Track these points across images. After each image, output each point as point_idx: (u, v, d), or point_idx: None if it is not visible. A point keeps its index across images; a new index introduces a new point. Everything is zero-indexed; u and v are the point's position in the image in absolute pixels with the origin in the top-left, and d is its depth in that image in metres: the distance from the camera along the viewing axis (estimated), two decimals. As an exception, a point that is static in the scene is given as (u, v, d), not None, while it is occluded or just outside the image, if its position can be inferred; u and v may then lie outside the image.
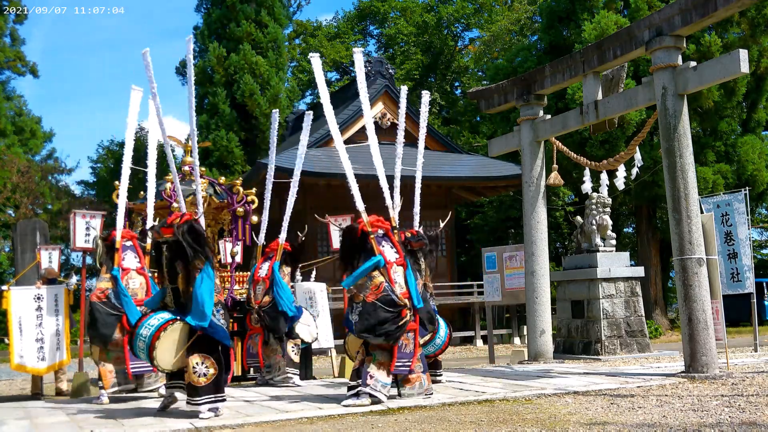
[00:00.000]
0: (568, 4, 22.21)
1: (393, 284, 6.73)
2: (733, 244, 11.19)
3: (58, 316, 9.17)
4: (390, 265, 6.82)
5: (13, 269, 20.77)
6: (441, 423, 5.69)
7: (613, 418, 5.70)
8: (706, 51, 19.25)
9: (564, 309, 12.26)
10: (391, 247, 6.96)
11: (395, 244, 7.02)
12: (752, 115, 22.73)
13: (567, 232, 28.45)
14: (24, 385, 11.82)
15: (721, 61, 8.40)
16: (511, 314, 22.38)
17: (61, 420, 6.35)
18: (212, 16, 30.32)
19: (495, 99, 11.88)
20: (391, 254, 6.90)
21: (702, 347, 8.18)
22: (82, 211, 9.49)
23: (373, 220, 7.08)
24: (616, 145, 19.63)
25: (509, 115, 20.86)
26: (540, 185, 11.13)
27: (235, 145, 28.35)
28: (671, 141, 8.56)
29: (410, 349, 6.81)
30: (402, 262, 6.92)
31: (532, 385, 7.74)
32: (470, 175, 22.34)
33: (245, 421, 5.94)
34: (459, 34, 38.45)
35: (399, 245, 7.05)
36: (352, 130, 21.96)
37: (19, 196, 25.35)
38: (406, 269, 6.90)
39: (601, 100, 9.92)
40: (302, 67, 38.49)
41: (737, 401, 6.30)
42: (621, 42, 9.40)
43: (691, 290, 8.29)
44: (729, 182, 20.66)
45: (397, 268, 6.87)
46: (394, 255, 6.92)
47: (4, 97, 28.27)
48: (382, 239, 6.97)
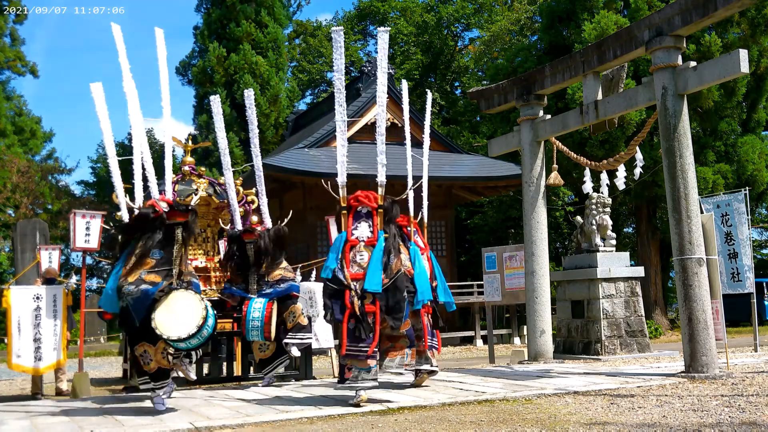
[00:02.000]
0: (568, 4, 22.20)
1: (348, 263, 6.56)
2: (733, 244, 11.19)
3: (56, 316, 9.17)
4: (354, 243, 6.69)
5: (13, 269, 20.77)
6: (441, 423, 5.69)
7: (613, 418, 5.70)
8: (706, 51, 19.23)
9: (564, 309, 12.26)
10: (369, 227, 6.79)
11: (374, 224, 6.83)
12: (752, 115, 22.71)
13: (567, 232, 28.45)
14: (24, 385, 11.82)
15: (721, 61, 8.40)
16: (511, 314, 22.36)
17: (61, 420, 6.35)
18: (212, 16, 30.33)
19: (495, 99, 11.87)
20: (363, 233, 6.74)
21: (702, 347, 8.18)
22: (82, 211, 9.48)
23: (362, 194, 6.94)
24: (616, 145, 19.62)
25: (509, 115, 20.85)
26: (540, 185, 11.13)
27: (235, 145, 28.33)
28: (671, 141, 8.56)
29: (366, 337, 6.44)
30: (372, 242, 6.71)
31: (532, 385, 7.73)
32: (470, 175, 22.33)
33: (245, 421, 5.94)
34: (459, 34, 38.46)
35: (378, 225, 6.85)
36: (353, 130, 21.96)
37: (19, 196, 25.35)
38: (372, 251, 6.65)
39: (601, 100, 9.92)
40: (302, 67, 38.51)
41: (737, 401, 6.29)
42: (621, 42, 9.39)
43: (691, 290, 8.29)
44: (729, 182, 20.64)
45: (364, 248, 6.67)
46: (367, 234, 6.74)
47: (4, 97, 28.27)
48: (363, 217, 6.83)
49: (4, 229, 25.08)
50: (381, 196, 7.01)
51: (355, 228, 6.78)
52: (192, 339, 6.14)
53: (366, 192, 7.01)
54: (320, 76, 39.25)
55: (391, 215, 7.11)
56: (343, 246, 6.73)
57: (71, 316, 9.91)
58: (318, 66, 38.51)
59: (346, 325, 6.44)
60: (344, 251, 6.66)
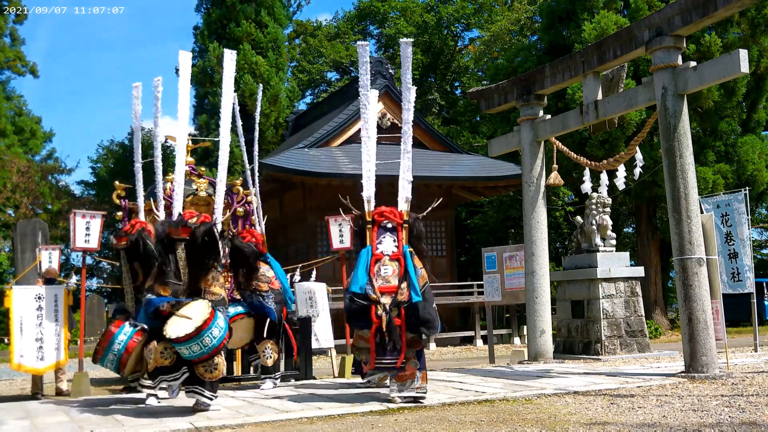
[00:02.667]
0: (568, 4, 22.20)
1: (374, 276, 6.63)
2: (733, 244, 11.19)
3: (57, 316, 9.16)
4: (378, 258, 6.76)
5: (13, 269, 20.77)
6: (441, 423, 5.69)
7: (613, 418, 5.70)
8: (706, 51, 19.23)
9: (564, 309, 12.26)
10: (393, 241, 6.89)
11: (399, 240, 6.92)
12: (752, 115, 22.71)
13: (567, 232, 28.44)
14: (24, 385, 11.82)
15: (721, 61, 8.40)
16: (511, 314, 22.36)
17: (61, 420, 6.35)
18: (212, 16, 30.32)
19: (495, 99, 11.87)
20: (388, 247, 6.84)
21: (702, 347, 8.18)
22: (82, 211, 9.46)
23: (387, 210, 7.08)
24: (616, 145, 19.62)
25: (509, 115, 20.85)
26: (540, 185, 11.13)
27: (235, 145, 28.29)
28: (671, 141, 8.56)
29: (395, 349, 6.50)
30: (397, 257, 6.80)
31: (532, 385, 7.74)
32: (470, 175, 22.34)
33: (245, 421, 5.94)
34: (459, 34, 38.46)
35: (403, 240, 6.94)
36: (353, 130, 21.97)
37: (19, 196, 25.35)
38: (404, 263, 6.72)
39: (601, 100, 9.92)
40: (302, 67, 38.50)
41: (737, 401, 6.30)
42: (621, 42, 9.39)
43: (691, 290, 8.29)
44: (729, 182, 20.64)
45: (389, 261, 6.76)
46: (392, 248, 6.84)
47: (4, 97, 28.28)
48: (387, 231, 6.93)
49: (4, 229, 25.09)
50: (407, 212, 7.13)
51: (379, 242, 6.88)
52: (192, 344, 6.11)
53: (390, 207, 7.15)
54: (320, 76, 39.25)
55: (415, 231, 7.19)
56: (369, 260, 6.80)
57: (71, 316, 9.90)
58: (318, 66, 38.51)
59: (373, 339, 6.52)
60: (370, 265, 6.73)
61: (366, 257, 6.81)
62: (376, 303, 6.52)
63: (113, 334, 7.22)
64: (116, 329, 7.26)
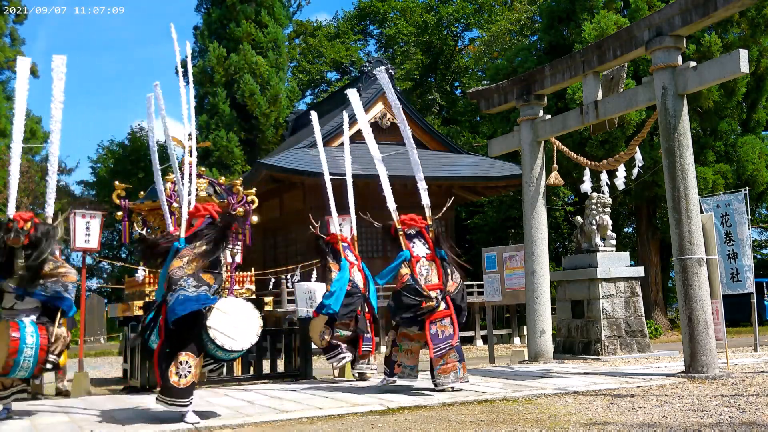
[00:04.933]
0: (568, 4, 22.21)
1: (417, 276, 7.26)
2: (733, 244, 11.19)
3: (58, 316, 9.13)
4: (417, 260, 7.42)
5: (13, 269, 20.71)
6: (441, 423, 5.69)
7: (613, 418, 5.70)
8: (706, 51, 19.23)
9: (564, 309, 12.25)
10: (423, 244, 7.59)
11: (428, 241, 7.61)
12: (752, 115, 22.71)
13: (567, 232, 28.44)
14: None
15: (721, 61, 8.40)
16: (511, 314, 22.36)
17: (61, 420, 6.35)
18: (212, 16, 30.35)
19: (495, 99, 11.87)
20: (421, 250, 7.52)
21: (702, 347, 8.18)
22: (82, 211, 9.48)
23: (407, 218, 7.71)
24: (616, 145, 19.62)
25: (509, 115, 20.85)
26: (540, 185, 11.13)
27: (235, 145, 28.34)
28: (671, 141, 8.56)
29: (448, 334, 7.18)
30: (433, 257, 7.50)
31: (532, 385, 7.74)
32: (470, 175, 22.34)
33: (245, 421, 5.94)
34: (459, 34, 38.46)
35: (432, 242, 7.60)
36: (353, 130, 21.93)
37: (19, 196, 25.30)
38: (439, 263, 7.45)
39: (601, 100, 9.92)
40: (302, 67, 38.51)
41: (737, 401, 6.30)
42: (621, 42, 9.39)
43: (691, 290, 8.29)
44: (729, 182, 20.64)
45: (426, 262, 7.45)
46: (424, 251, 7.52)
47: (4, 97, 28.24)
48: (414, 237, 7.62)
49: (4, 230, 25.04)
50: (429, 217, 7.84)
51: (413, 246, 7.57)
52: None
53: (410, 215, 7.83)
54: (320, 76, 39.26)
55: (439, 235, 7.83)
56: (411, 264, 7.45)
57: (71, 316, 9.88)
58: (318, 66, 38.51)
59: (428, 331, 7.16)
60: (412, 267, 7.39)
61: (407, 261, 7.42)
62: (428, 298, 7.15)
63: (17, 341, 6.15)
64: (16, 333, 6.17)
